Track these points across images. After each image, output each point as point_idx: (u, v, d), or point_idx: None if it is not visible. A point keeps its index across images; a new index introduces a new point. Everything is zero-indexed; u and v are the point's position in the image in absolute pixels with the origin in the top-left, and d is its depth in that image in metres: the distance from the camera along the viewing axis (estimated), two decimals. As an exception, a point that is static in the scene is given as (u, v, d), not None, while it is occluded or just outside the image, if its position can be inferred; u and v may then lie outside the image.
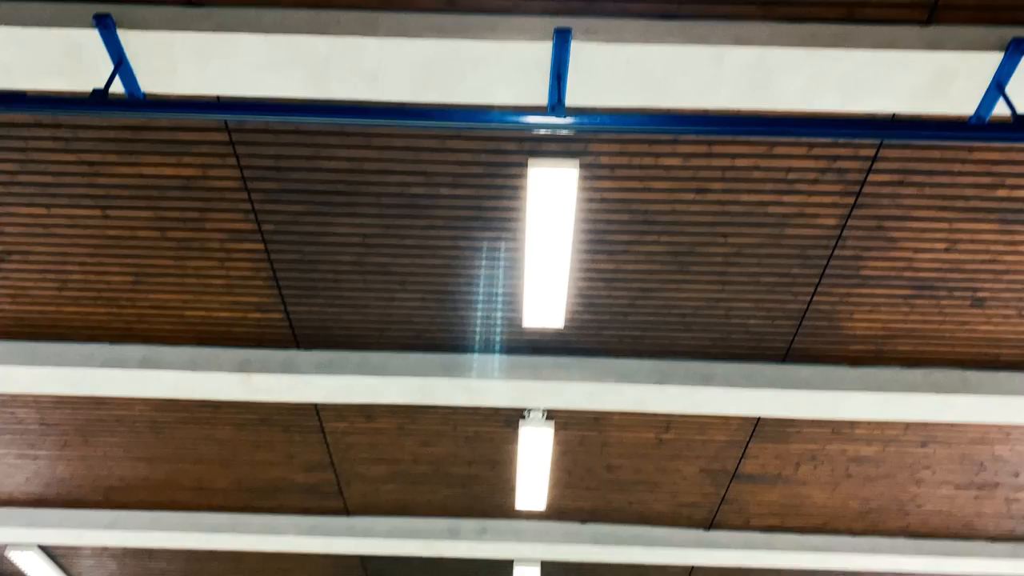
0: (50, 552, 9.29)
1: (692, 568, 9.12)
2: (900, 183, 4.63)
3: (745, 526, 8.24)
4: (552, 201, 4.60)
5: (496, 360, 6.00)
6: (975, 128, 3.26)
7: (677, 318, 5.66)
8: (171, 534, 8.20)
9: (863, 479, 7.40)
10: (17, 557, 9.00)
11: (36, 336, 5.99)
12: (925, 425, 6.67)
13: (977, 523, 7.96)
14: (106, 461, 7.55)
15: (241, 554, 9.18)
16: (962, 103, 3.82)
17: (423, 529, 8.27)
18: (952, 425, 6.66)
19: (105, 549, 9.16)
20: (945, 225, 4.87)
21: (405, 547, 8.28)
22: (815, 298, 5.44)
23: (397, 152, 4.58)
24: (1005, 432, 6.70)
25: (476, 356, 6.03)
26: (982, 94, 3.71)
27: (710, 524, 8.23)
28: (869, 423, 6.69)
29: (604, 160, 4.57)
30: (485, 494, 7.89)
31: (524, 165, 4.62)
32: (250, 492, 7.96)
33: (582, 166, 4.61)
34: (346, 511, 8.26)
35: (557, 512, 8.14)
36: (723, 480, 7.53)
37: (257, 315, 5.76)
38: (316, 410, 6.80)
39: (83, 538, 8.30)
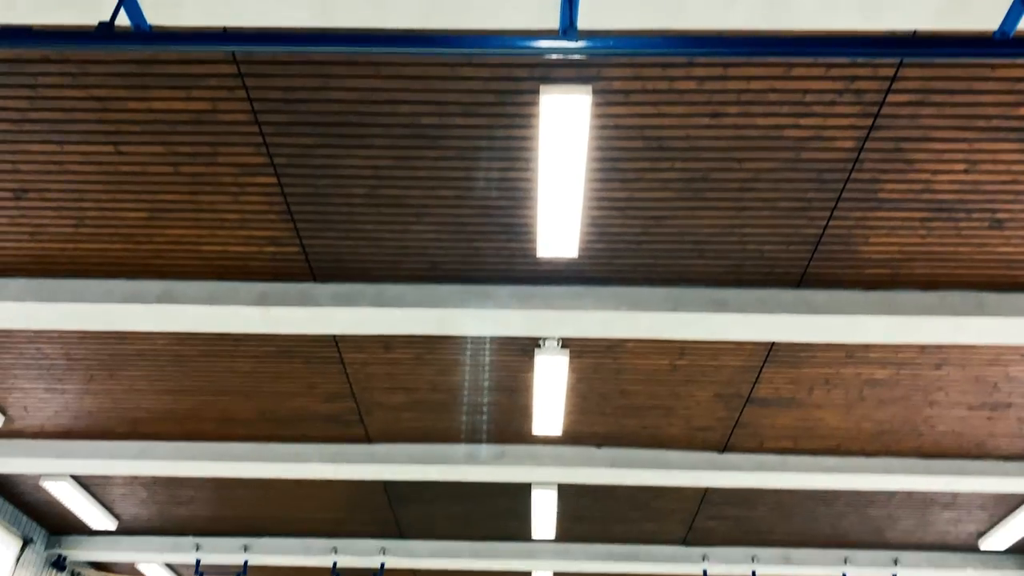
0: (82, 482, 9.61)
1: (706, 490, 9.32)
2: (920, 103, 4.53)
3: (759, 449, 8.37)
4: (565, 129, 4.55)
5: (511, 291, 6.03)
6: (999, 44, 3.17)
7: (691, 245, 5.65)
8: (198, 463, 8.44)
9: (877, 402, 7.47)
10: (51, 486, 9.33)
11: (56, 273, 6.07)
12: (940, 348, 6.68)
13: (989, 443, 8.05)
14: (131, 394, 7.73)
15: (267, 481, 9.46)
16: (985, 18, 3.70)
17: (442, 455, 8.46)
18: (967, 347, 6.67)
19: (135, 478, 9.46)
20: (965, 146, 4.78)
21: (425, 472, 8.50)
22: (831, 222, 5.40)
23: (407, 81, 4.52)
24: (1020, 353, 6.70)
25: (490, 287, 6.05)
26: (1006, 8, 3.59)
27: (724, 447, 8.37)
28: (884, 347, 6.71)
29: (617, 85, 4.49)
30: (502, 420, 8.04)
31: (536, 92, 4.55)
32: (273, 422, 8.15)
33: (595, 92, 4.54)
34: (367, 439, 8.45)
35: (573, 437, 8.30)
36: (737, 404, 7.62)
37: (272, 249, 5.80)
38: (335, 341, 6.89)
39: (113, 468, 8.57)
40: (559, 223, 5.30)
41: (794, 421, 7.86)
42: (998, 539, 10.00)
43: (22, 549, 10.44)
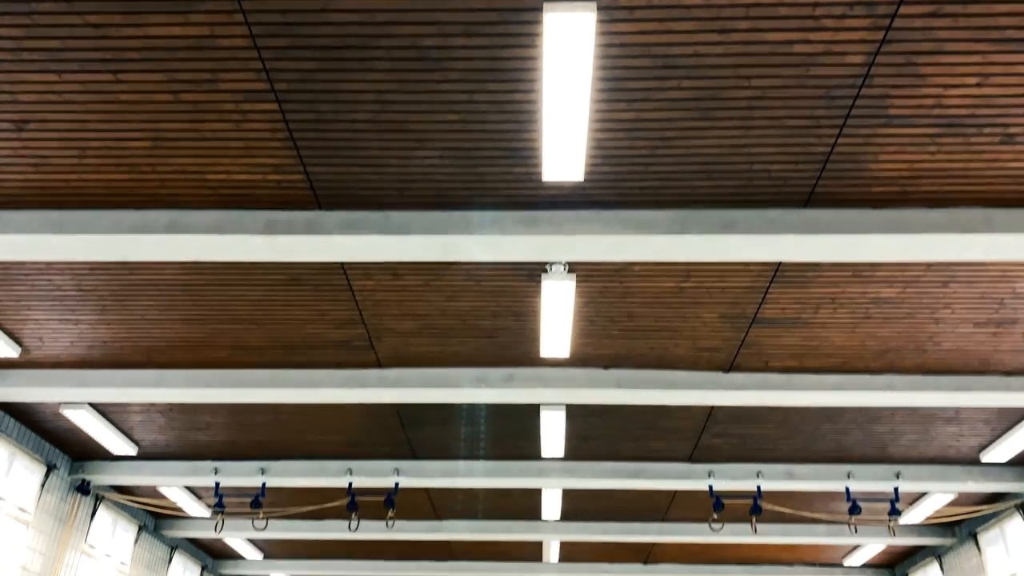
0: (101, 409, 9.83)
1: (712, 408, 9.48)
2: (933, 15, 4.42)
3: (764, 368, 8.47)
4: (569, 48, 4.46)
5: (516, 216, 6.02)
6: (1016, -50, 3.07)
7: (699, 166, 5.60)
8: (212, 390, 8.61)
9: (882, 320, 7.51)
10: (71, 414, 9.55)
11: (63, 205, 6.08)
12: (947, 265, 6.68)
13: (994, 359, 8.12)
14: (144, 323, 7.84)
15: (281, 406, 9.66)
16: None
17: (452, 378, 8.61)
18: (974, 264, 6.67)
19: (152, 405, 9.67)
20: (978, 59, 4.68)
21: (436, 395, 8.66)
22: (840, 140, 5.33)
23: (407, 0, 4.42)
24: (1027, 270, 6.70)
25: (496, 212, 6.04)
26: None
27: (729, 367, 8.47)
28: (890, 265, 6.71)
29: (623, 1, 4.38)
30: (511, 344, 8.14)
31: (539, 10, 4.44)
32: (285, 349, 8.27)
33: (600, 9, 4.43)
34: (379, 364, 8.58)
35: (580, 359, 8.41)
36: (743, 325, 7.68)
37: (277, 177, 5.78)
38: (343, 269, 6.93)
39: (129, 396, 8.76)
40: (564, 146, 5.25)
41: (799, 340, 7.93)
42: (999, 452, 10.20)
43: (46, 475, 10.76)
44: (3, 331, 8.01)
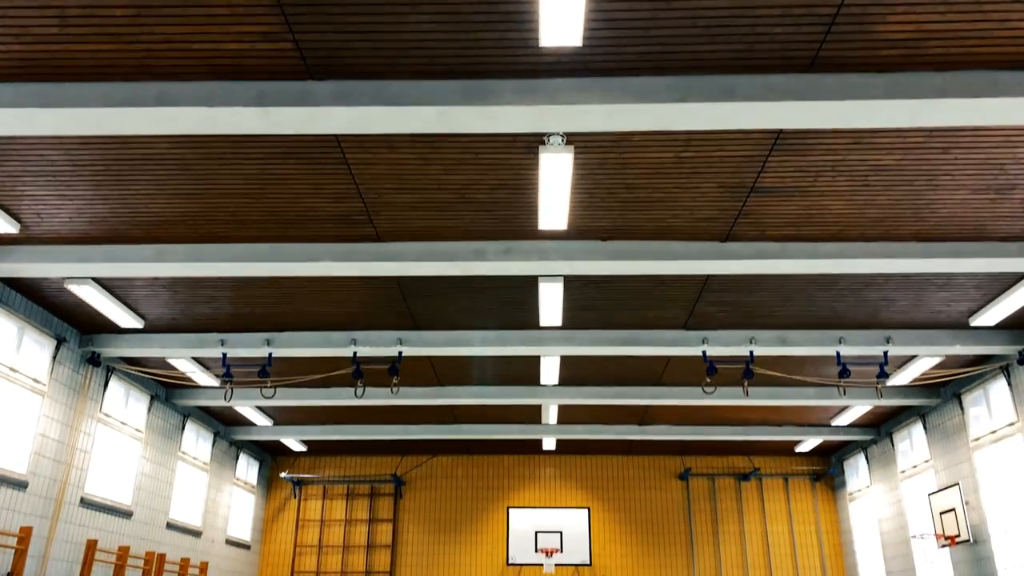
0: (105, 284, 9.95)
1: (708, 277, 9.60)
2: None
3: (761, 237, 8.52)
4: (566, -98, 4.23)
5: (513, 85, 5.89)
6: None
7: (701, 30, 5.43)
8: (213, 264, 8.69)
9: (881, 187, 7.49)
10: (76, 289, 9.68)
11: (50, 78, 5.93)
12: (949, 130, 6.60)
13: (991, 225, 8.15)
14: (141, 198, 7.81)
15: (283, 280, 9.77)
16: None
17: (451, 251, 8.67)
18: (977, 129, 6.58)
19: (155, 279, 9.78)
20: (998, -90, 4.45)
21: (436, 268, 8.75)
22: (846, 0, 5.14)
23: None
24: (1030, 135, 6.62)
25: (492, 81, 5.91)
26: None
27: (727, 236, 8.51)
28: (892, 131, 6.63)
29: None
30: (509, 217, 8.15)
31: None
32: (284, 223, 8.29)
33: None
34: (377, 237, 8.62)
35: (578, 231, 8.44)
36: (741, 195, 7.66)
37: (266, 45, 5.61)
38: (337, 141, 6.84)
39: (132, 271, 8.84)
40: (562, 8, 5.07)
41: (797, 209, 7.94)
42: (989, 316, 10.42)
43: (57, 348, 11.03)
44: (1, 207, 7.99)
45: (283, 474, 19.32)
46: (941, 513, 13.41)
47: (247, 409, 15.48)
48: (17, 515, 10.18)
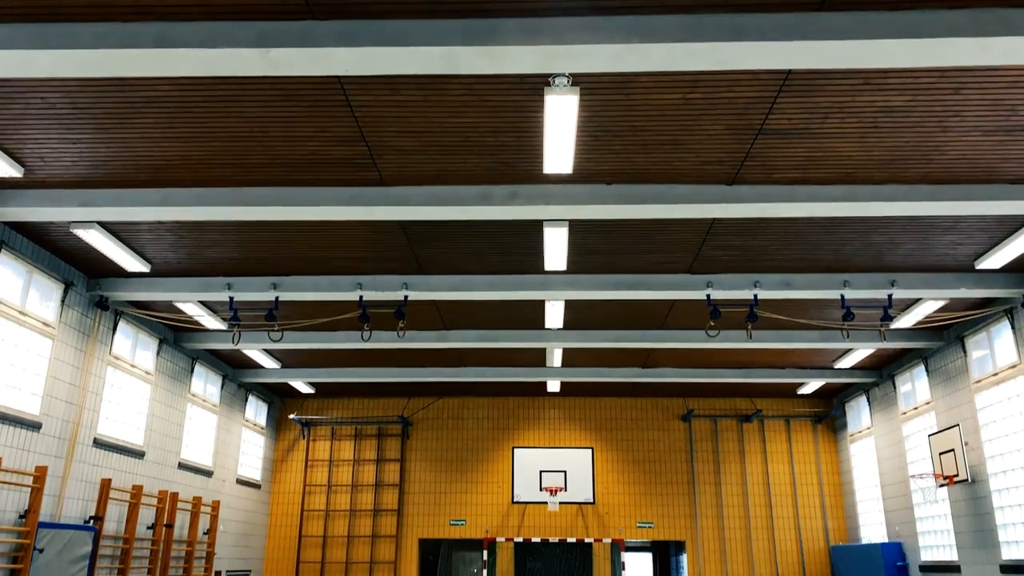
0: (110, 228, 9.97)
1: (713, 221, 9.56)
2: None
3: (767, 180, 8.46)
4: None
5: (518, 24, 5.79)
6: None
7: (709, -34, 5.30)
8: (218, 208, 8.69)
9: (890, 129, 7.41)
10: (82, 233, 9.70)
11: (47, 18, 5.85)
12: (961, 71, 6.49)
13: (999, 167, 8.08)
14: (144, 142, 7.77)
15: (288, 224, 9.77)
16: None
17: (456, 195, 8.64)
18: (988, 69, 6.47)
19: (160, 224, 9.79)
20: None
21: (440, 213, 8.73)
22: (861, -64, 5.01)
23: None
24: (1044, 75, 6.51)
25: (496, 20, 5.80)
26: None
27: (733, 180, 8.46)
28: (902, 72, 6.52)
29: None
30: (514, 161, 8.09)
31: None
32: (287, 167, 8.25)
33: None
34: (382, 182, 8.58)
35: (583, 175, 8.39)
36: (748, 137, 7.58)
37: (266, -15, 5.50)
38: (340, 83, 6.77)
39: (137, 215, 8.84)
40: (567, -54, 4.95)
41: (805, 151, 7.86)
42: (994, 259, 10.40)
43: (65, 292, 11.11)
44: (3, 151, 7.96)
45: (292, 415, 19.62)
46: (940, 453, 13.60)
47: (255, 352, 15.64)
48: (32, 455, 10.40)
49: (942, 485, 13.56)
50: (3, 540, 9.56)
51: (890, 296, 11.14)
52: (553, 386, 18.52)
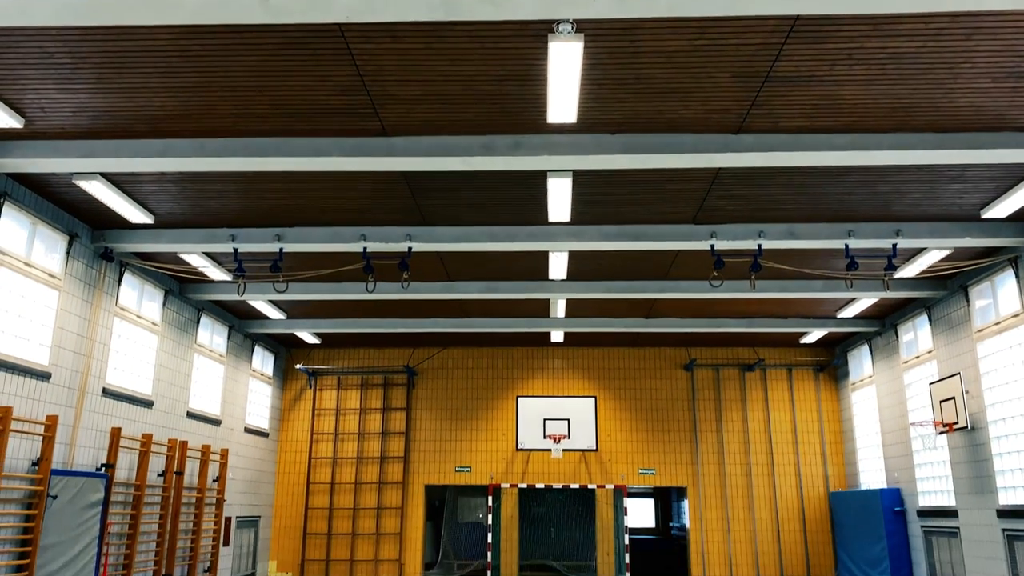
0: (113, 179, 9.94)
1: (718, 171, 9.50)
2: None
3: (774, 129, 8.38)
4: None
5: (521, -33, 5.67)
6: None
7: (717, -92, 5.17)
8: (220, 159, 8.65)
9: (899, 76, 7.30)
10: (84, 185, 9.68)
11: (41, -35, 5.75)
12: (973, 15, 6.37)
13: (1009, 115, 7.98)
14: (144, 92, 7.70)
15: (291, 175, 9.73)
16: None
17: (459, 146, 8.58)
18: (1001, 14, 6.35)
19: (163, 175, 9.76)
20: None
21: (443, 164, 8.68)
22: None
23: None
24: (1057, 20, 6.39)
25: (500, -36, 5.69)
26: None
27: (739, 128, 8.38)
28: (913, 16, 6.40)
29: None
30: (517, 110, 8.02)
31: None
32: (289, 117, 8.18)
33: None
34: (384, 132, 8.52)
35: (588, 125, 8.31)
36: (755, 85, 7.49)
37: (264, -71, 5.39)
38: (340, 30, 6.67)
39: (139, 166, 8.81)
40: None
41: (812, 99, 7.77)
42: (1001, 208, 10.35)
43: (70, 243, 11.13)
44: (3, 101, 7.91)
45: (298, 365, 19.81)
46: (941, 401, 13.72)
47: (260, 303, 15.73)
48: (43, 404, 10.54)
49: (942, 432, 13.71)
50: (18, 487, 9.76)
51: (895, 246, 11.12)
52: (557, 336, 18.63)
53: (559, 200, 10.13)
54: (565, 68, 6.87)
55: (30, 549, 9.85)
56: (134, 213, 10.72)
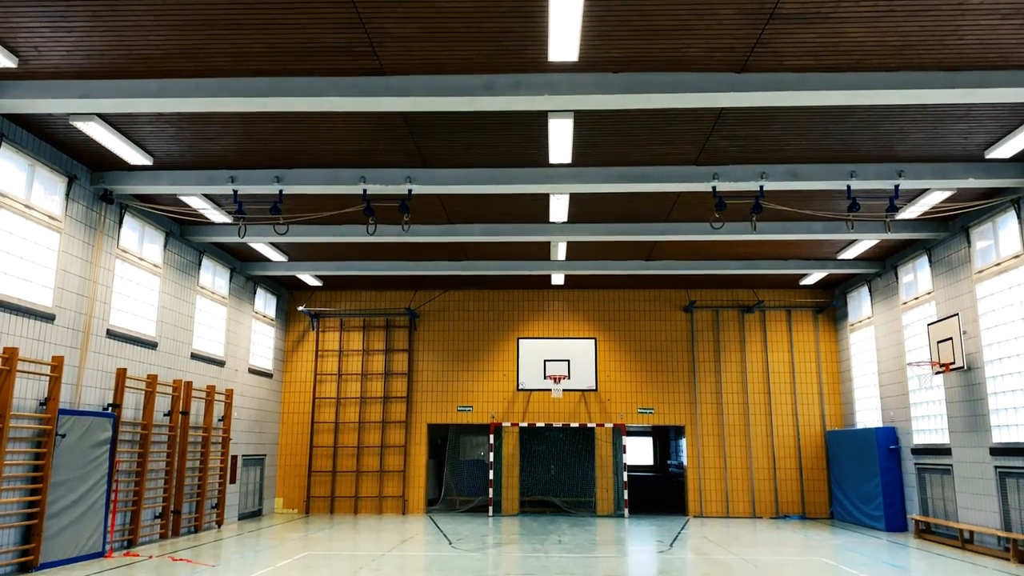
0: (110, 120, 9.85)
1: (721, 111, 9.40)
2: None
3: (778, 67, 8.26)
4: None
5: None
6: None
7: None
8: (217, 99, 8.55)
9: (906, 13, 7.18)
10: (81, 126, 9.60)
11: (30, -102, 5.60)
12: (983, -49, 6.23)
13: (1016, 53, 7.86)
14: (139, 30, 7.58)
15: (290, 115, 9.64)
16: None
17: (459, 86, 8.47)
18: (1013, -51, 6.21)
19: (160, 115, 9.66)
20: None
21: (443, 104, 8.59)
22: None
23: None
24: (1070, -46, 6.24)
25: None
26: None
27: (743, 67, 8.26)
28: (922, -49, 6.26)
29: None
30: (518, 49, 7.89)
31: None
32: (286, 55, 8.07)
33: None
34: (382, 71, 8.41)
35: (589, 63, 8.19)
36: (760, 21, 7.36)
37: None
38: (337, -34, 6.53)
39: (135, 106, 8.72)
40: None
41: (817, 37, 7.65)
42: (1005, 149, 10.27)
43: (69, 185, 11.09)
44: (-5, 41, 7.80)
45: (300, 307, 19.92)
46: (939, 342, 13.83)
47: (261, 245, 15.73)
48: (48, 345, 10.65)
49: (938, 372, 13.86)
50: (27, 426, 9.93)
51: (897, 187, 11.07)
52: (557, 279, 18.68)
53: (560, 141, 10.05)
54: (567, 2, 6.74)
55: (41, 486, 10.08)
56: (132, 154, 10.65)
